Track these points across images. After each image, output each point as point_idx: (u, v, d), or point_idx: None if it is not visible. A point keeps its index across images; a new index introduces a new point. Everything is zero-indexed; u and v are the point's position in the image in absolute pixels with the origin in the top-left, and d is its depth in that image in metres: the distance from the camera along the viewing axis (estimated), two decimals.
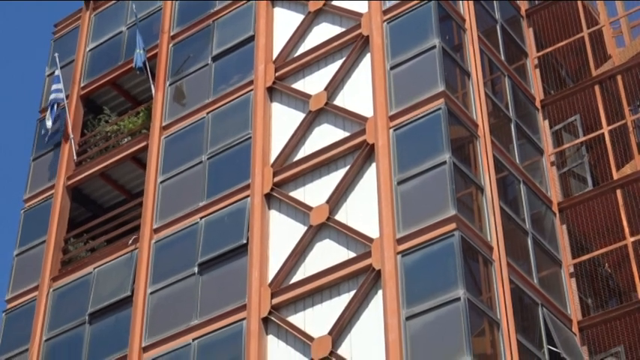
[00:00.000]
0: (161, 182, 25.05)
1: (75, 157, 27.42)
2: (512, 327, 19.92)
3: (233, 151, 24.13)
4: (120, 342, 23.17)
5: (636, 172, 24.04)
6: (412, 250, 20.19)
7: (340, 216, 21.59)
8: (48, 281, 25.55)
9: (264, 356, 20.83)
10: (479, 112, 22.54)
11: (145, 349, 22.62)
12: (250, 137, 23.88)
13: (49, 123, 27.36)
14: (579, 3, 26.94)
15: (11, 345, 25.33)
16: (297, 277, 21.44)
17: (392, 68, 22.68)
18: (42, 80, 29.93)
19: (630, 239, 23.42)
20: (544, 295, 21.91)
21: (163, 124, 25.94)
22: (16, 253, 27.01)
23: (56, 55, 29.12)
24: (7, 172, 58.54)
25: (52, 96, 27.68)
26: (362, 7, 23.93)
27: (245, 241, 22.46)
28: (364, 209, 21.33)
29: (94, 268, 24.98)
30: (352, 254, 20.95)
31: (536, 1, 27.80)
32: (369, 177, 21.72)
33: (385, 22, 23.24)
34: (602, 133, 24.98)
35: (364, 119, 22.32)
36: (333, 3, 24.57)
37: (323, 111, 23.22)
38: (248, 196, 23.07)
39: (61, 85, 28.05)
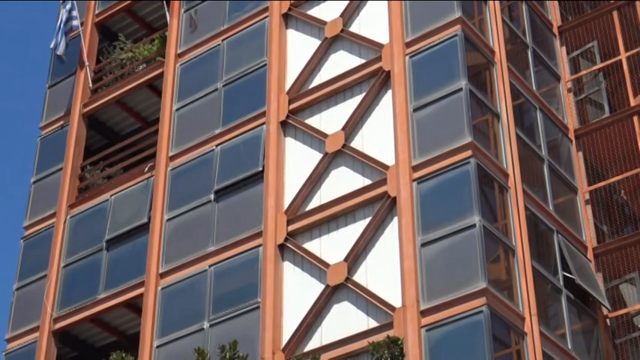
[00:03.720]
0: (177, 110, 25.04)
1: (90, 85, 27.40)
2: (527, 253, 19.99)
3: (248, 78, 24.07)
4: (137, 268, 23.36)
5: None
6: (428, 177, 20.20)
7: (356, 143, 21.58)
8: (65, 208, 25.69)
9: (280, 283, 20.97)
10: (495, 38, 22.39)
11: (162, 276, 22.79)
12: (266, 64, 23.79)
13: (60, 48, 27.19)
14: None
15: (30, 271, 25.56)
16: (313, 204, 21.50)
17: None
18: (57, 8, 29.81)
19: None
20: (559, 222, 21.95)
21: (178, 51, 25.85)
22: (34, 180, 27.13)
23: None
24: (22, 100, 58.65)
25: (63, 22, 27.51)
26: None
27: (261, 169, 22.49)
28: (380, 136, 21.31)
29: (111, 195, 25.09)
30: (368, 181, 20.97)
31: None
32: (385, 104, 21.66)
33: None
34: (620, 60, 24.80)
35: (380, 46, 22.18)
36: None
37: (339, 38, 23.07)
38: (264, 123, 23.05)
39: (75, 12, 27.93)
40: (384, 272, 19.83)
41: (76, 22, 27.79)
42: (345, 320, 19.83)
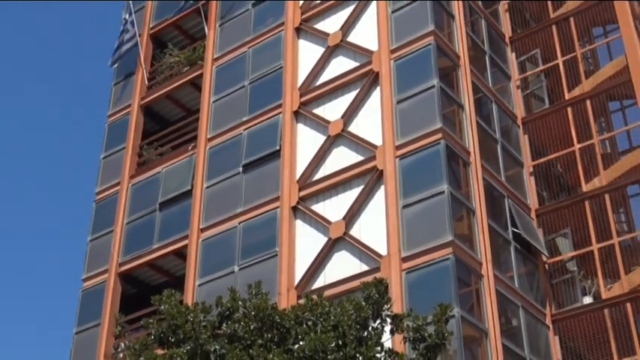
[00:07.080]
0: (213, 102, 25.07)
1: (146, 83, 27.42)
2: (484, 214, 20.06)
3: (268, 77, 24.07)
4: (183, 225, 23.44)
5: (584, 93, 23.91)
6: (408, 155, 20.24)
7: (352, 127, 21.60)
8: (127, 178, 25.77)
9: (294, 236, 21.07)
10: (461, 46, 22.38)
11: (202, 230, 22.90)
12: (282, 67, 23.80)
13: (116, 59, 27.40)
14: None
15: (100, 227, 25.67)
16: (319, 175, 21.55)
17: (393, 12, 22.49)
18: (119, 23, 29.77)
19: (577, 146, 23.40)
20: (509, 189, 22.00)
21: (214, 56, 25.85)
22: (103, 157, 27.19)
23: (130, 2, 28.91)
24: (93, 96, 58.64)
25: (125, 38, 27.62)
26: None
27: (278, 148, 22.53)
28: (370, 122, 21.32)
29: (163, 168, 25.16)
30: (361, 158, 21.02)
31: None
32: (375, 97, 21.65)
33: None
34: (558, 64, 24.79)
35: (371, 52, 22.18)
36: None
37: (339, 46, 23.06)
38: (280, 112, 23.07)
39: (134, 28, 27.95)
40: (374, 228, 19.90)
41: (134, 36, 27.81)
42: (343, 265, 19.93)
